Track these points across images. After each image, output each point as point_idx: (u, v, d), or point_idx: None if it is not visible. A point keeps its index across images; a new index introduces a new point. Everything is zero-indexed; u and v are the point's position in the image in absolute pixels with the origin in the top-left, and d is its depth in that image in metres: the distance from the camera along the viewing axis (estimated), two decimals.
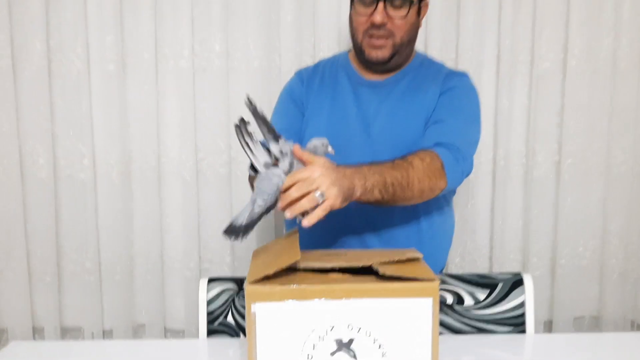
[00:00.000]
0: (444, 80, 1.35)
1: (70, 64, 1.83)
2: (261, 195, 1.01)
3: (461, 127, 1.28)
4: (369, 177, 1.07)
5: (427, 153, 1.18)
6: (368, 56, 1.32)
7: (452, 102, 1.32)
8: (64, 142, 1.87)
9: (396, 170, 1.12)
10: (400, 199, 1.14)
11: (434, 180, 1.17)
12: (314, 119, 1.39)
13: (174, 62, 1.85)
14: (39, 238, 1.90)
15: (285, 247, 1.05)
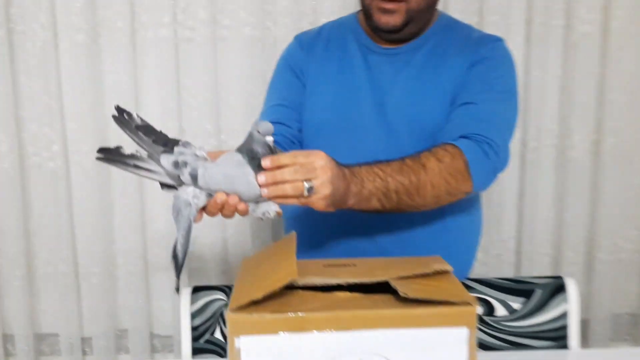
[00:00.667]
0: (474, 47, 1.15)
1: (34, 34, 1.61)
2: (179, 231, 0.87)
3: (496, 109, 1.09)
4: (366, 183, 0.93)
5: (448, 150, 1.01)
6: (377, 22, 1.13)
7: (485, 76, 1.12)
8: (30, 126, 1.67)
9: (403, 175, 0.96)
10: (408, 207, 1.00)
11: (455, 184, 1.00)
12: (317, 91, 1.20)
13: (153, 31, 1.63)
14: (6, 236, 1.72)
15: (280, 258, 0.89)
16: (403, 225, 1.13)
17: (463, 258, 1.21)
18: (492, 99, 1.09)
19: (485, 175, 1.04)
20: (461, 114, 1.08)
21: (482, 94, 1.09)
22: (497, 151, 1.04)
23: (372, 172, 0.94)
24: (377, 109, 1.14)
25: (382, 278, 0.83)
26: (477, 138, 1.03)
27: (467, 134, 1.03)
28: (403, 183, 0.95)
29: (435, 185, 0.98)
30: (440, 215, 1.13)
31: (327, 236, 1.16)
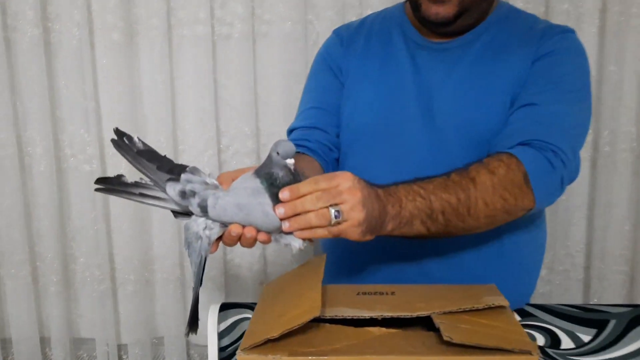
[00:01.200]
0: (539, 40, 0.99)
1: (69, 33, 1.56)
2: (191, 263, 0.80)
3: (562, 111, 0.93)
4: (405, 203, 0.80)
5: (502, 160, 0.87)
6: (425, 12, 0.99)
7: (551, 73, 0.97)
8: (67, 128, 1.62)
9: (449, 192, 0.83)
10: (458, 230, 0.86)
11: (513, 200, 0.86)
12: (357, 92, 1.08)
13: (189, 28, 1.55)
14: (43, 240, 1.68)
15: (304, 288, 0.78)
16: (452, 247, 0.98)
17: (523, 282, 1.06)
18: (559, 99, 0.93)
19: (549, 188, 0.89)
20: (520, 117, 0.93)
21: (546, 94, 0.93)
22: (564, 160, 0.89)
23: (412, 190, 0.81)
24: (423, 112, 1.00)
25: (424, 312, 0.74)
26: (539, 145, 0.88)
27: (526, 140, 0.89)
28: (450, 202, 0.82)
29: (489, 202, 0.84)
30: (495, 234, 0.98)
31: (365, 259, 1.03)
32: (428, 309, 0.75)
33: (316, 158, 1.03)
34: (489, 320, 0.73)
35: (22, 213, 1.65)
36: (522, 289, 1.06)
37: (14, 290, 1.70)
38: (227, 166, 1.63)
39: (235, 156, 1.61)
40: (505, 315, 0.74)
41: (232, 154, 1.62)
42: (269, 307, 0.80)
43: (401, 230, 0.82)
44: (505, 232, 0.99)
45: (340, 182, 0.74)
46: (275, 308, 0.78)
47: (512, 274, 1.01)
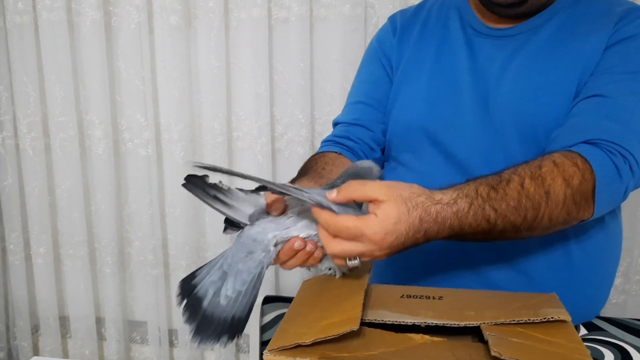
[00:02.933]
0: (618, 23, 0.86)
1: (129, 17, 1.55)
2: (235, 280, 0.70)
3: (637, 106, 0.80)
4: (465, 231, 0.70)
5: (578, 166, 0.75)
6: None
7: (626, 61, 0.83)
8: (125, 112, 1.62)
9: (519, 213, 0.72)
10: (507, 239, 0.77)
11: (575, 214, 0.76)
12: (408, 84, 0.99)
13: (246, 12, 1.50)
14: (102, 221, 1.70)
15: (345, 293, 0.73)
16: (513, 252, 0.88)
17: (594, 292, 0.94)
18: (634, 91, 0.80)
19: (611, 199, 0.78)
20: (587, 109, 0.81)
21: (618, 84, 0.81)
22: (633, 167, 0.76)
23: (482, 216, 0.70)
24: (479, 106, 0.90)
25: (473, 322, 0.66)
26: (607, 147, 0.76)
27: (593, 140, 0.77)
28: (515, 223, 0.72)
29: (554, 217, 0.74)
30: (561, 238, 0.88)
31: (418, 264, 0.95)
32: (478, 319, 0.67)
33: (354, 159, 0.97)
34: (546, 335, 0.64)
35: (81, 195, 1.67)
36: (592, 300, 0.94)
37: (73, 270, 1.73)
38: (280, 155, 1.58)
39: (289, 145, 1.56)
40: (566, 330, 0.65)
41: (286, 143, 1.57)
42: (305, 308, 0.74)
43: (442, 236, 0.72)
44: (572, 237, 0.88)
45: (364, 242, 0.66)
46: (311, 310, 0.72)
47: (581, 283, 0.90)
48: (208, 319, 0.70)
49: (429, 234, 0.68)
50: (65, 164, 1.66)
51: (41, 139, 1.67)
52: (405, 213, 0.66)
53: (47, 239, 1.72)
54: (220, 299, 0.70)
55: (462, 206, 0.69)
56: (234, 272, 0.70)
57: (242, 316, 0.69)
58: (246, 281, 0.70)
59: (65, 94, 1.61)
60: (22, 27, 1.58)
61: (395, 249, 0.68)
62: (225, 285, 0.70)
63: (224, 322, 0.69)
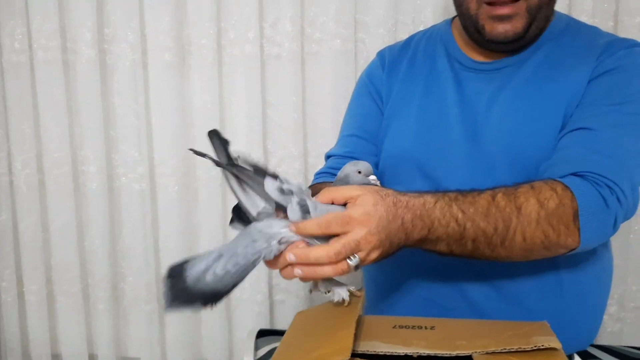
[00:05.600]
0: (600, 56, 0.89)
1: (123, 54, 1.57)
2: (229, 261, 0.69)
3: (622, 138, 0.82)
4: (437, 227, 0.74)
5: (556, 191, 0.77)
6: (491, 34, 0.90)
7: (610, 93, 0.86)
8: (120, 147, 1.63)
9: (489, 221, 0.74)
10: (485, 257, 0.78)
11: (554, 238, 0.77)
12: (398, 117, 1.02)
13: (239, 48, 1.53)
14: (95, 257, 1.69)
15: (337, 324, 0.73)
16: (501, 278, 0.89)
17: (585, 321, 0.95)
18: (619, 123, 0.82)
19: (599, 229, 0.79)
20: (574, 142, 0.83)
21: (604, 117, 0.83)
22: (620, 198, 0.78)
23: (449, 212, 0.74)
24: (468, 138, 0.92)
25: (464, 351, 0.68)
26: (595, 178, 0.78)
27: (581, 172, 0.78)
28: (486, 231, 0.74)
29: (528, 237, 0.75)
30: (552, 268, 0.88)
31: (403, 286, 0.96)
32: (469, 348, 0.67)
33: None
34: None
35: (75, 231, 1.67)
36: (584, 329, 0.94)
37: (66, 306, 1.71)
38: None
39: None
40: (557, 357, 0.66)
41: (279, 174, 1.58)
42: (298, 339, 0.75)
43: (419, 246, 0.76)
44: (563, 266, 0.89)
45: (354, 227, 0.69)
46: (303, 341, 0.73)
47: (572, 312, 0.90)
48: (187, 290, 0.68)
49: (406, 225, 0.72)
50: (59, 200, 1.66)
51: (35, 175, 1.67)
52: (380, 198, 0.71)
53: (40, 275, 1.71)
54: (207, 276, 0.68)
55: (428, 199, 0.74)
56: (229, 254, 0.70)
57: (222, 291, 0.69)
58: (238, 264, 0.69)
59: (60, 130, 1.62)
60: (18, 66, 1.60)
61: (384, 237, 0.70)
62: (216, 264, 0.69)
63: (201, 294, 0.68)
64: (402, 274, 0.95)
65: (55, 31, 1.58)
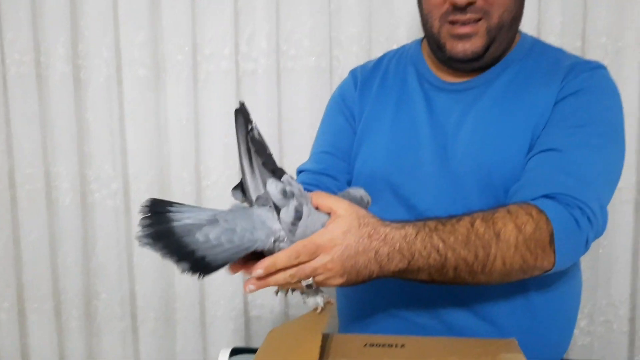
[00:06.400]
0: (565, 78, 0.91)
1: (98, 70, 1.57)
2: (224, 232, 0.67)
3: (590, 159, 0.84)
4: (417, 259, 0.73)
5: (532, 215, 0.77)
6: (451, 52, 0.92)
7: (576, 114, 0.88)
8: (93, 163, 1.62)
9: (469, 248, 0.74)
10: (466, 284, 0.79)
11: (532, 261, 0.78)
12: (370, 136, 1.03)
13: (214, 64, 1.53)
14: (67, 274, 1.66)
15: (305, 338, 0.73)
16: (474, 298, 0.90)
17: (556, 338, 0.96)
18: (585, 144, 0.84)
19: (573, 250, 0.80)
20: (543, 163, 0.84)
21: (571, 138, 0.84)
22: (591, 218, 0.79)
23: (430, 243, 0.73)
24: (438, 157, 0.93)
25: None
26: (566, 200, 0.79)
27: (552, 193, 0.80)
28: (467, 259, 0.74)
29: (507, 262, 0.76)
30: (522, 286, 0.89)
31: (378, 307, 0.96)
32: None
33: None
34: None
35: (47, 247, 1.65)
36: (554, 345, 0.96)
37: (38, 324, 1.69)
38: None
39: None
40: None
41: None
42: (268, 355, 0.75)
43: (401, 276, 0.76)
44: (532, 286, 0.90)
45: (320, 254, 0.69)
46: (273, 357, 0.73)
47: (542, 329, 0.92)
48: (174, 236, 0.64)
49: (380, 257, 0.71)
50: (31, 216, 1.63)
51: (7, 191, 1.65)
52: (356, 226, 0.70)
53: (12, 292, 1.68)
54: (198, 235, 0.65)
55: (410, 231, 0.73)
56: (226, 226, 0.68)
57: (212, 263, 0.65)
58: (234, 242, 0.67)
59: (33, 145, 1.61)
60: None
61: (349, 266, 0.70)
62: (210, 228, 0.66)
63: (190, 253, 0.64)
64: (375, 293, 0.95)
65: (28, 46, 1.57)
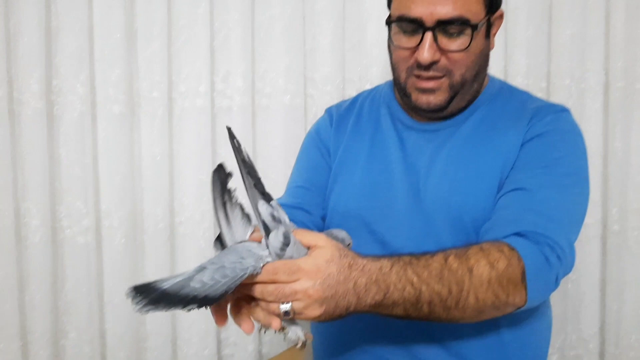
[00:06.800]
0: (531, 121, 0.96)
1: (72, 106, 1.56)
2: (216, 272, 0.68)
3: (556, 198, 0.88)
4: (392, 292, 0.73)
5: (504, 253, 0.79)
6: (416, 102, 0.96)
7: (543, 156, 0.92)
8: (65, 199, 1.60)
9: (443, 283, 0.75)
10: (440, 320, 0.79)
11: (504, 298, 0.79)
12: (344, 174, 1.05)
13: (190, 101, 1.54)
14: (35, 312, 1.61)
15: None
16: (447, 335, 0.91)
17: None
18: (552, 184, 0.87)
19: (544, 287, 0.82)
20: (512, 202, 0.87)
21: (538, 178, 0.88)
22: (560, 255, 0.82)
23: (405, 277, 0.74)
24: (410, 195, 0.96)
25: None
26: (536, 238, 0.81)
27: (522, 231, 0.82)
28: (440, 294, 0.75)
29: (480, 298, 0.77)
30: (493, 324, 0.91)
31: (351, 343, 0.96)
32: None
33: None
34: None
35: (15, 285, 1.60)
36: None
37: None
38: None
39: None
40: None
41: None
42: None
43: (377, 311, 0.75)
44: (504, 323, 0.92)
45: (301, 278, 0.69)
46: None
47: None
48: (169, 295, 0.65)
49: (359, 288, 0.71)
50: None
51: None
52: (337, 256, 0.71)
53: None
54: (193, 283, 0.66)
55: (385, 263, 0.74)
56: (215, 267, 0.68)
57: (213, 296, 0.66)
58: (227, 275, 0.68)
59: (3, 181, 1.58)
60: None
61: (329, 296, 0.70)
62: (202, 274, 0.67)
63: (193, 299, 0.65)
64: (349, 329, 0.96)
65: (2, 81, 1.55)
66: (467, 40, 0.91)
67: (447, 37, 0.91)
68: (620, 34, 1.43)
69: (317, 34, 1.51)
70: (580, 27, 1.45)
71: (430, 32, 0.89)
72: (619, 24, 1.43)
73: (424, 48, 0.90)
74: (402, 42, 0.94)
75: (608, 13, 1.43)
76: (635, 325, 1.49)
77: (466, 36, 0.91)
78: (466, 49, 0.91)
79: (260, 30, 1.53)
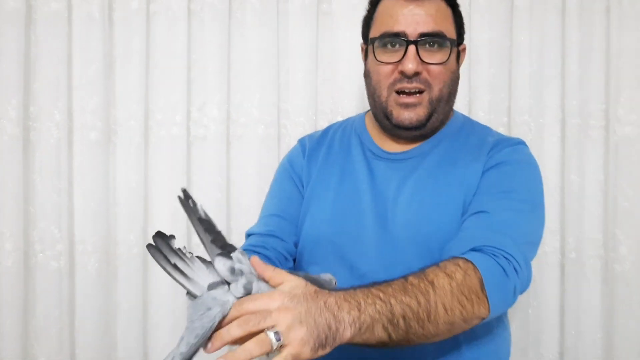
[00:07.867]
0: (490, 152, 1.04)
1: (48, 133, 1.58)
2: (189, 336, 0.71)
3: (513, 220, 0.94)
4: (365, 307, 0.75)
5: (459, 265, 0.84)
6: (397, 119, 1.03)
7: (501, 183, 0.99)
8: (38, 224, 1.60)
9: (409, 295, 0.78)
10: (418, 337, 0.80)
11: (470, 308, 0.83)
12: (316, 202, 1.10)
13: (166, 130, 1.58)
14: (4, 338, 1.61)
15: None
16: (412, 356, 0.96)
17: None
18: (509, 208, 0.94)
19: (503, 296, 0.87)
20: (472, 224, 0.93)
21: (496, 202, 0.95)
22: (517, 268, 0.87)
23: (370, 294, 0.76)
24: (378, 222, 1.01)
25: None
26: (491, 251, 0.87)
27: (479, 247, 0.88)
28: (410, 305, 0.77)
29: (448, 308, 0.80)
30: (455, 346, 0.96)
31: None
32: None
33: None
34: None
35: None
36: None
37: None
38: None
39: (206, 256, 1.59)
40: None
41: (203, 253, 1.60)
42: None
43: (362, 337, 0.75)
44: (463, 342, 0.97)
45: (266, 303, 0.70)
46: None
47: None
48: None
49: (330, 304, 0.72)
50: None
51: None
52: (303, 284, 0.74)
53: None
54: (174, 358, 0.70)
55: (348, 289, 0.77)
56: (188, 331, 0.72)
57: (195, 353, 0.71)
58: (198, 335, 0.71)
59: None
60: None
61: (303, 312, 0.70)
62: (179, 346, 0.71)
63: None
64: None
65: None
66: (446, 54, 1.01)
67: (427, 51, 1.00)
68: (575, 74, 1.53)
69: (291, 67, 1.58)
70: (538, 67, 1.54)
71: (413, 45, 0.99)
72: (573, 66, 1.52)
73: (408, 59, 0.99)
74: (384, 58, 1.02)
75: (564, 55, 1.52)
76: (593, 349, 1.55)
77: (445, 50, 1.01)
78: (445, 63, 1.01)
79: (237, 63, 1.59)
